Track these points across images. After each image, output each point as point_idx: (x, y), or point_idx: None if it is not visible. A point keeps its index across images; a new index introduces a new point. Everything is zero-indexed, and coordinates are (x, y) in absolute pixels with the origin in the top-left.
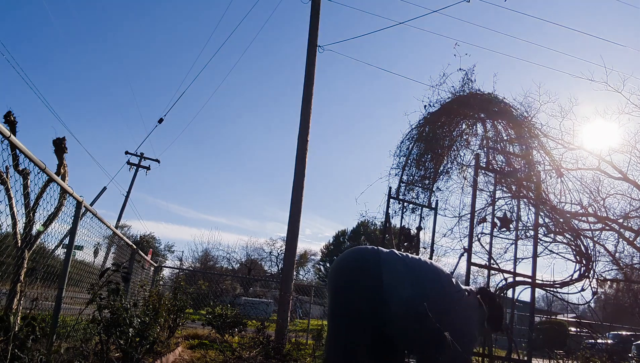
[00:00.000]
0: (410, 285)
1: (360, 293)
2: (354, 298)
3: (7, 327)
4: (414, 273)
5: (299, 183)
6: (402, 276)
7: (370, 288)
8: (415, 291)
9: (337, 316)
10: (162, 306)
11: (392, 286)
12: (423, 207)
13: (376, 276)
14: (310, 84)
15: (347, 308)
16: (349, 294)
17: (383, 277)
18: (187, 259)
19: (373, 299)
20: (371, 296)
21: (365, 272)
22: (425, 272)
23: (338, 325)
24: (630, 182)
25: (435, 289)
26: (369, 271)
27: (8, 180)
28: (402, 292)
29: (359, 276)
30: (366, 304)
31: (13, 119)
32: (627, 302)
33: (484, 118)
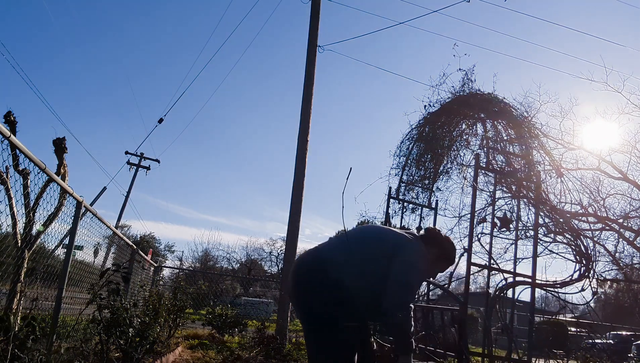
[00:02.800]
0: (345, 248)
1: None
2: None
3: (7, 327)
4: (348, 246)
5: (299, 183)
6: (335, 248)
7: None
8: (350, 251)
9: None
10: (162, 306)
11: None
12: (423, 207)
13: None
14: (310, 84)
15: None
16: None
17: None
18: (187, 259)
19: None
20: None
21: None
22: (354, 236)
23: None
24: (630, 182)
25: (368, 239)
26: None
27: (8, 180)
28: (338, 256)
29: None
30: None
31: (13, 119)
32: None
33: (484, 118)
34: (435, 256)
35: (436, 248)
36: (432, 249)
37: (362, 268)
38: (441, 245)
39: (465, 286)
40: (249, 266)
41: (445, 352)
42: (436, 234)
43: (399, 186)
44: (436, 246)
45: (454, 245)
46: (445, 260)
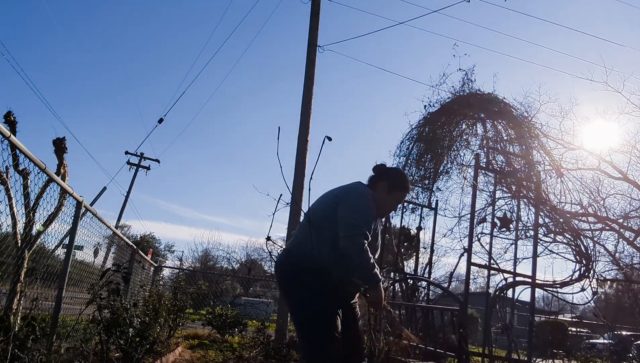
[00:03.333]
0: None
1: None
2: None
3: (7, 327)
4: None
5: (299, 183)
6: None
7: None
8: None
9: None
10: (162, 306)
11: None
12: (423, 207)
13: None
14: (310, 84)
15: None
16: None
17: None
18: (187, 259)
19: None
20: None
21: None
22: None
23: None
24: (630, 182)
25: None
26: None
27: (8, 180)
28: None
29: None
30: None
31: (13, 119)
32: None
33: (484, 118)
34: (387, 189)
35: (384, 181)
36: (380, 183)
37: (318, 233)
38: (387, 175)
39: (465, 286)
40: (249, 266)
41: (445, 352)
42: (380, 168)
43: None
44: (383, 179)
45: (401, 172)
46: (398, 188)
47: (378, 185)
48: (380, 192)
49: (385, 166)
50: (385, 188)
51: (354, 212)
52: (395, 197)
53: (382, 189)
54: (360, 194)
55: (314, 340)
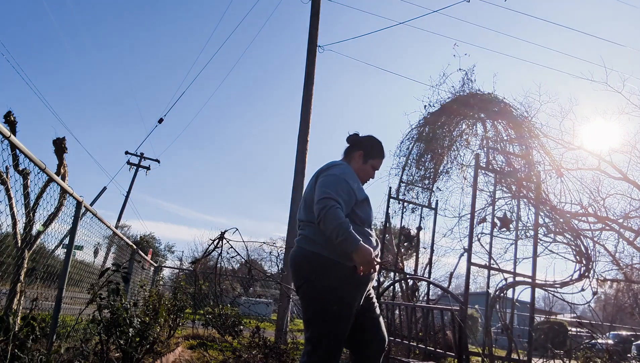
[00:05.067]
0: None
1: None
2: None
3: (7, 327)
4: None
5: (299, 183)
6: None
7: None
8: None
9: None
10: (162, 306)
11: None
12: (423, 207)
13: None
14: (310, 84)
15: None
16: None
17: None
18: (187, 259)
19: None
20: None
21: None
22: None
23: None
24: (630, 182)
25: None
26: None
27: (8, 180)
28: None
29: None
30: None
31: (13, 119)
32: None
33: (484, 118)
34: (362, 156)
35: (359, 149)
36: (356, 153)
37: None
38: (361, 144)
39: (466, 286)
40: (249, 267)
41: (446, 352)
42: (354, 137)
43: (399, 186)
44: (358, 147)
45: (374, 138)
46: (373, 155)
47: (354, 155)
48: (357, 161)
49: (358, 135)
50: (361, 157)
51: (325, 183)
52: (372, 164)
53: (358, 158)
54: (330, 166)
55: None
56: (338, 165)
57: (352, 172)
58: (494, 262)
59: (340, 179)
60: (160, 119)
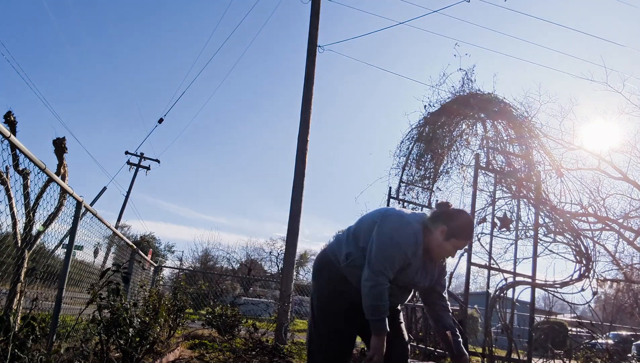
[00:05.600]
0: (346, 245)
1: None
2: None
3: (7, 327)
4: (347, 232)
5: (299, 183)
6: (340, 245)
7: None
8: (348, 248)
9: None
10: (162, 306)
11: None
12: (423, 207)
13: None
14: (310, 84)
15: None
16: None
17: (331, 260)
18: (187, 259)
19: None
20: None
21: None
22: (356, 223)
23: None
24: (630, 182)
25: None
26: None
27: (8, 180)
28: (342, 258)
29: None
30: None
31: (13, 119)
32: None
33: (484, 118)
34: (445, 234)
35: (445, 224)
36: (440, 226)
37: (355, 240)
38: (449, 220)
39: (466, 286)
40: (249, 266)
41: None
42: (444, 208)
43: (399, 186)
44: (444, 221)
45: (466, 218)
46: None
47: (437, 228)
48: (437, 235)
49: (449, 207)
50: (444, 233)
51: (383, 249)
52: (454, 244)
53: (440, 233)
54: (397, 220)
55: (316, 337)
56: (406, 224)
57: (416, 241)
58: (494, 262)
59: (401, 250)
60: (160, 119)
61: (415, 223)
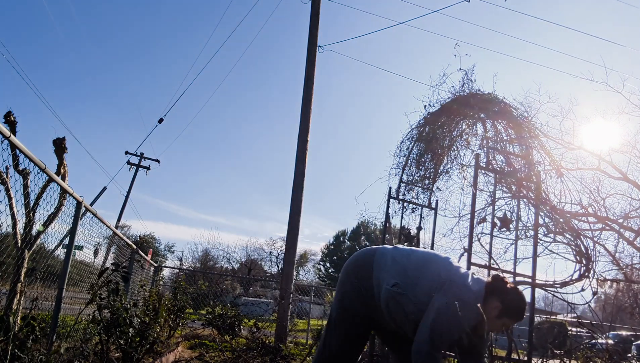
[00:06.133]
0: (396, 274)
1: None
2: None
3: (7, 327)
4: (403, 264)
5: (299, 183)
6: (390, 269)
7: (362, 283)
8: (399, 280)
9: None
10: (162, 306)
11: (379, 280)
12: (423, 207)
13: (368, 272)
14: (310, 84)
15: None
16: (344, 288)
17: (373, 273)
18: (187, 259)
19: (363, 294)
20: (362, 291)
21: (360, 269)
22: (416, 262)
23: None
24: (630, 182)
25: (421, 276)
26: (364, 268)
27: (8, 180)
28: (387, 282)
29: (354, 272)
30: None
31: (13, 119)
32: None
33: (484, 118)
34: (500, 311)
35: (499, 302)
36: (494, 302)
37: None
38: (505, 297)
39: None
40: (249, 267)
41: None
42: (501, 285)
43: (399, 186)
44: (500, 299)
45: (521, 298)
46: (510, 315)
47: (492, 302)
48: (490, 311)
49: (504, 286)
50: (497, 310)
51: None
52: (504, 322)
53: (493, 309)
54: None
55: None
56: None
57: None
58: (494, 262)
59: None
60: (160, 119)
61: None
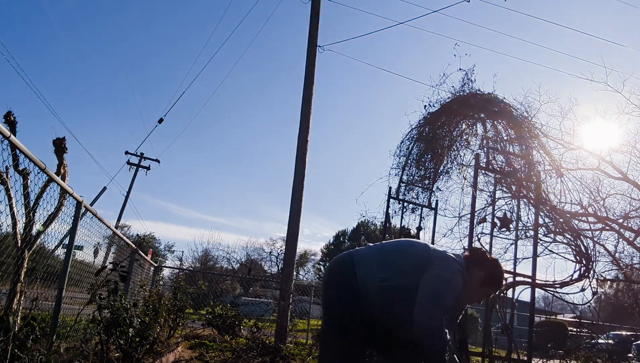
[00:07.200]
0: (380, 269)
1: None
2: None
3: (7, 327)
4: (381, 255)
5: (299, 184)
6: (371, 264)
7: (348, 286)
8: (384, 273)
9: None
10: (162, 306)
11: (364, 278)
12: (423, 207)
13: (351, 274)
14: (310, 84)
15: (332, 315)
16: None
17: (356, 272)
18: (187, 259)
19: (352, 296)
20: (350, 295)
21: (342, 275)
22: (394, 250)
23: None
24: (630, 182)
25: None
26: (345, 272)
27: (8, 180)
28: (373, 278)
29: (337, 281)
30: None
31: (13, 119)
32: (627, 302)
33: (484, 118)
34: (480, 280)
35: (481, 271)
36: (476, 272)
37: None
38: (486, 268)
39: None
40: (249, 266)
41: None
42: (481, 256)
43: (399, 186)
44: (481, 269)
45: (500, 267)
46: (491, 283)
47: (475, 273)
48: (473, 281)
49: (485, 257)
50: (480, 279)
51: (440, 287)
52: (485, 291)
53: (476, 279)
54: (454, 271)
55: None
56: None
57: (462, 285)
58: None
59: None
60: (160, 119)
61: (462, 266)
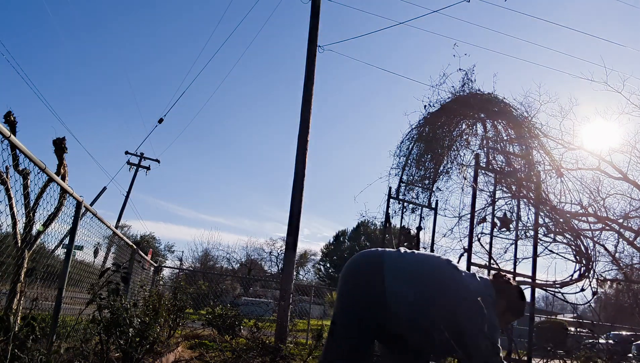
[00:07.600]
0: (413, 288)
1: (362, 297)
2: (357, 302)
3: (7, 327)
4: (417, 273)
5: (299, 183)
6: (404, 279)
7: (375, 291)
8: (418, 296)
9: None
10: (162, 306)
11: (393, 286)
12: (423, 207)
13: (379, 278)
14: (311, 84)
15: (349, 312)
16: (352, 299)
17: (385, 278)
18: (187, 259)
19: (374, 302)
20: (373, 300)
21: (369, 276)
22: (429, 272)
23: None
24: (630, 182)
25: (439, 290)
26: (373, 274)
27: (8, 180)
28: (405, 296)
29: (364, 282)
30: (367, 308)
31: (13, 119)
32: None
33: (484, 118)
34: (504, 311)
35: (506, 302)
36: (501, 301)
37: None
38: (508, 297)
39: None
40: (249, 266)
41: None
42: (504, 284)
43: (399, 186)
44: (503, 297)
45: (522, 298)
46: (512, 313)
47: (499, 302)
48: (497, 310)
49: (508, 282)
50: (503, 309)
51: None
52: (505, 319)
53: (499, 308)
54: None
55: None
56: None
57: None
58: (494, 262)
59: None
60: (160, 119)
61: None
